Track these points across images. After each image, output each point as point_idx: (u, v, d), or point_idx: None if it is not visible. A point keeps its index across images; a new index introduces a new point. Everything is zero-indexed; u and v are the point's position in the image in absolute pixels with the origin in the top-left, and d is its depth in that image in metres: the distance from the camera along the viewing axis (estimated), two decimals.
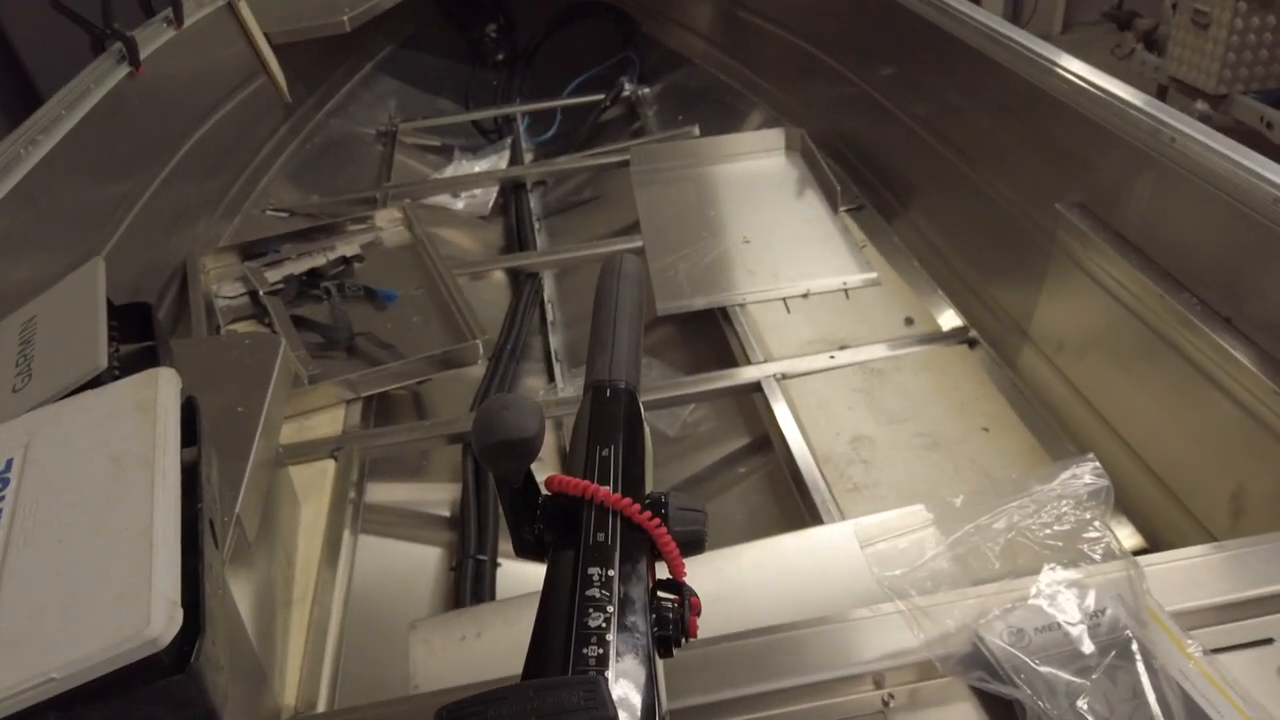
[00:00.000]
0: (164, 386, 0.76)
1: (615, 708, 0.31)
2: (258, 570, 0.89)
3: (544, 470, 0.57)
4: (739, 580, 0.84)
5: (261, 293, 1.45)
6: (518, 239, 1.80)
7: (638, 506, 0.45)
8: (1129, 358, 0.99)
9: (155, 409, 0.73)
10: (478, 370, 1.40)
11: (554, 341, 1.55)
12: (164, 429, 0.72)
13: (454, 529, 1.18)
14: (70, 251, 1.23)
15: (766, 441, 1.20)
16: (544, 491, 0.48)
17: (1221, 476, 0.86)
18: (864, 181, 1.66)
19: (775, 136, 1.74)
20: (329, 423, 1.23)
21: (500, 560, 1.12)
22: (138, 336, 0.92)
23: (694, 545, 0.47)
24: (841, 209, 1.54)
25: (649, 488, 0.49)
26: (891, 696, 0.56)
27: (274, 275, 1.50)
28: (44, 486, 0.68)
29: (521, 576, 1.10)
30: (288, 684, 0.90)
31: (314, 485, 1.13)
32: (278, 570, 0.97)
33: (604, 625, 0.41)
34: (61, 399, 0.78)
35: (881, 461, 1.06)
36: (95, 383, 0.80)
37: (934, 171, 1.44)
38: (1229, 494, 0.84)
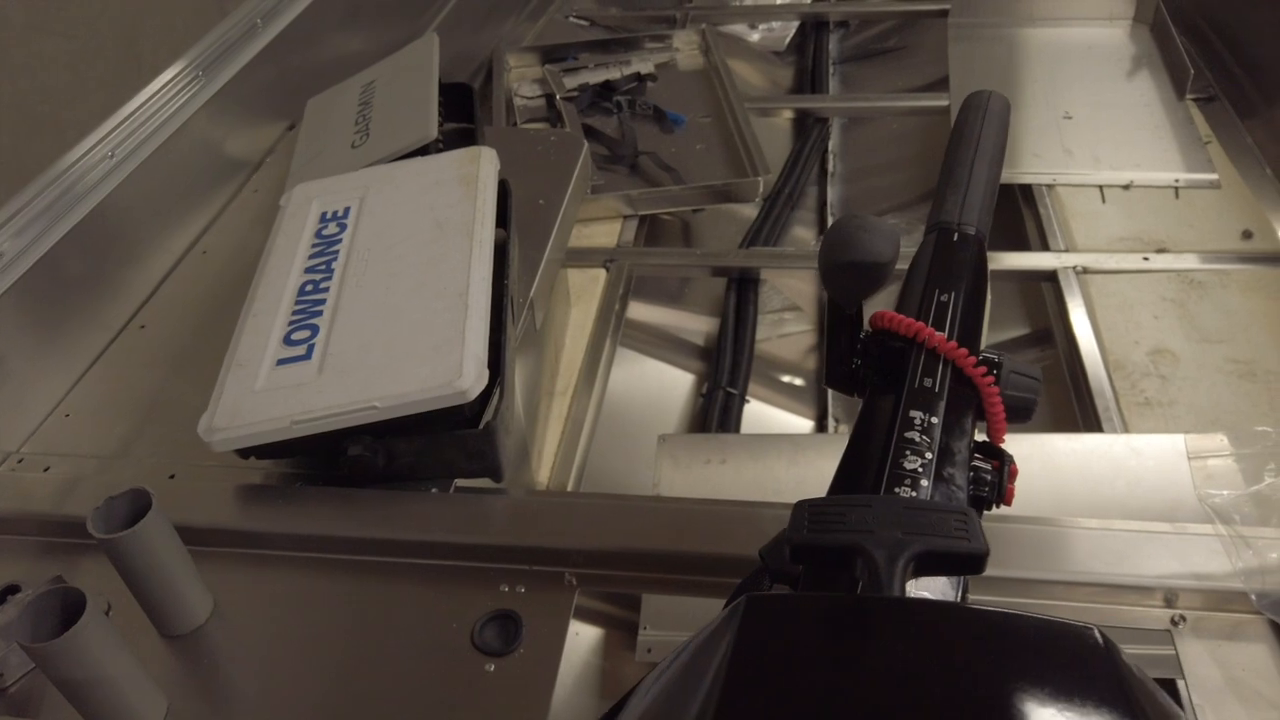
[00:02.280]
0: (485, 165, 0.80)
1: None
2: (535, 357, 0.95)
3: None
4: (1048, 470, 0.79)
5: (558, 97, 1.48)
6: (810, 81, 1.72)
7: (973, 359, 0.43)
8: None
9: (477, 183, 0.77)
10: (750, 210, 1.38)
11: (831, 194, 1.49)
12: (483, 203, 0.75)
13: (705, 359, 1.20)
14: (400, 29, 1.29)
15: (1047, 336, 1.12)
16: (867, 327, 0.47)
17: None
18: (1221, 67, 1.44)
19: (1123, 2, 1.54)
20: (605, 234, 1.26)
21: (749, 398, 1.13)
22: (459, 116, 0.97)
23: (1022, 412, 0.44)
24: (1189, 96, 1.35)
25: (983, 344, 0.46)
26: (1183, 618, 0.52)
27: (571, 81, 1.52)
28: (376, 237, 0.74)
29: (767, 417, 1.11)
30: (544, 465, 0.96)
31: (585, 290, 1.17)
32: (548, 361, 1.03)
33: (920, 470, 0.40)
34: (394, 161, 0.84)
35: (1183, 380, 0.96)
36: (423, 151, 0.85)
37: None
38: None
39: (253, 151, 1.06)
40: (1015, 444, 0.81)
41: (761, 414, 1.11)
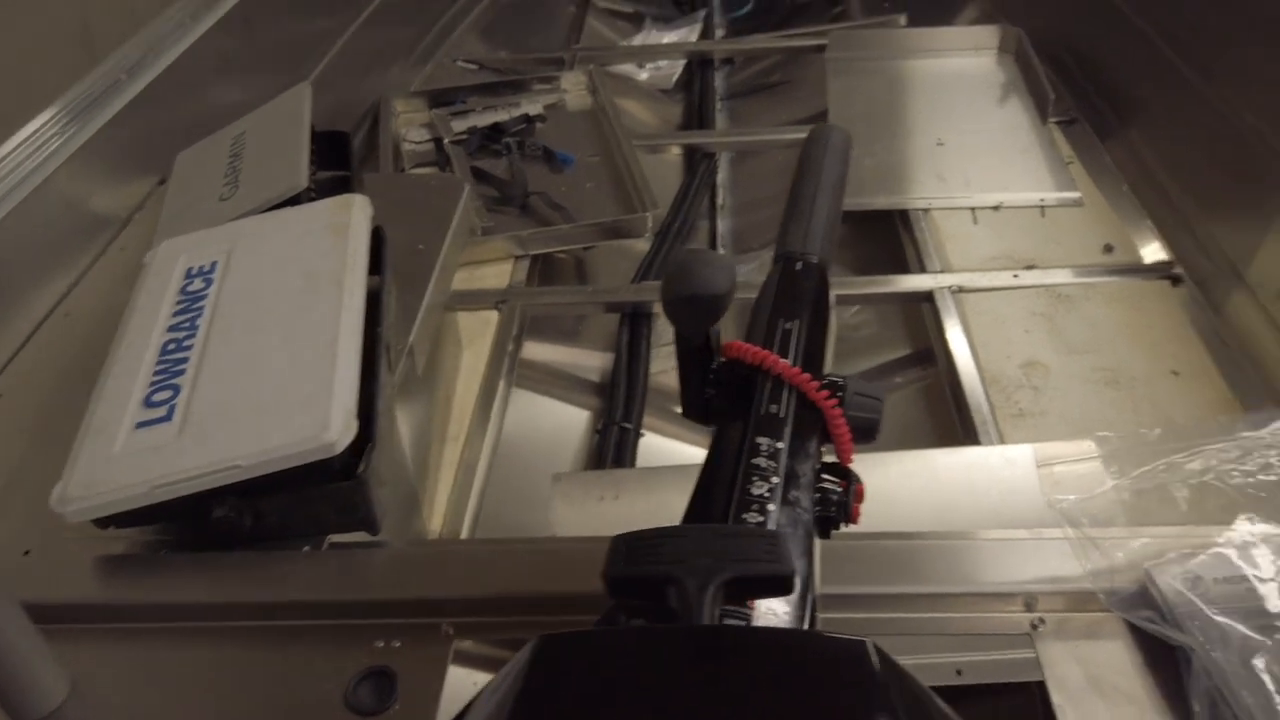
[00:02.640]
0: (357, 212, 0.79)
1: (794, 565, 0.31)
2: (421, 403, 0.94)
3: None
4: (887, 488, 0.81)
5: (446, 141, 1.48)
6: (698, 117, 1.76)
7: (815, 384, 0.44)
8: None
9: (348, 232, 0.76)
10: (643, 244, 1.39)
11: (721, 226, 1.52)
12: (354, 251, 0.75)
13: (601, 395, 1.20)
14: (277, 78, 1.28)
15: (929, 355, 1.15)
16: (719, 357, 0.48)
17: None
18: (1080, 92, 1.52)
19: (988, 34, 1.62)
20: (496, 275, 1.26)
21: (643, 431, 1.13)
22: (335, 164, 0.96)
23: (867, 432, 0.45)
24: (1051, 120, 1.42)
25: (827, 369, 0.47)
26: (1042, 621, 0.54)
27: (459, 125, 1.52)
28: (243, 291, 0.73)
29: (662, 450, 1.12)
30: (435, 514, 0.95)
31: (476, 333, 1.17)
32: (437, 407, 1.01)
33: (767, 495, 0.41)
34: (263, 212, 0.83)
35: (1053, 390, 1.00)
36: (294, 201, 0.84)
37: (1164, 86, 1.30)
38: None
39: (120, 208, 1.03)
40: (899, 461, 0.84)
41: (657, 446, 1.12)
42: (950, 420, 1.03)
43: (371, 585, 0.60)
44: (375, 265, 0.79)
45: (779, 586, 0.30)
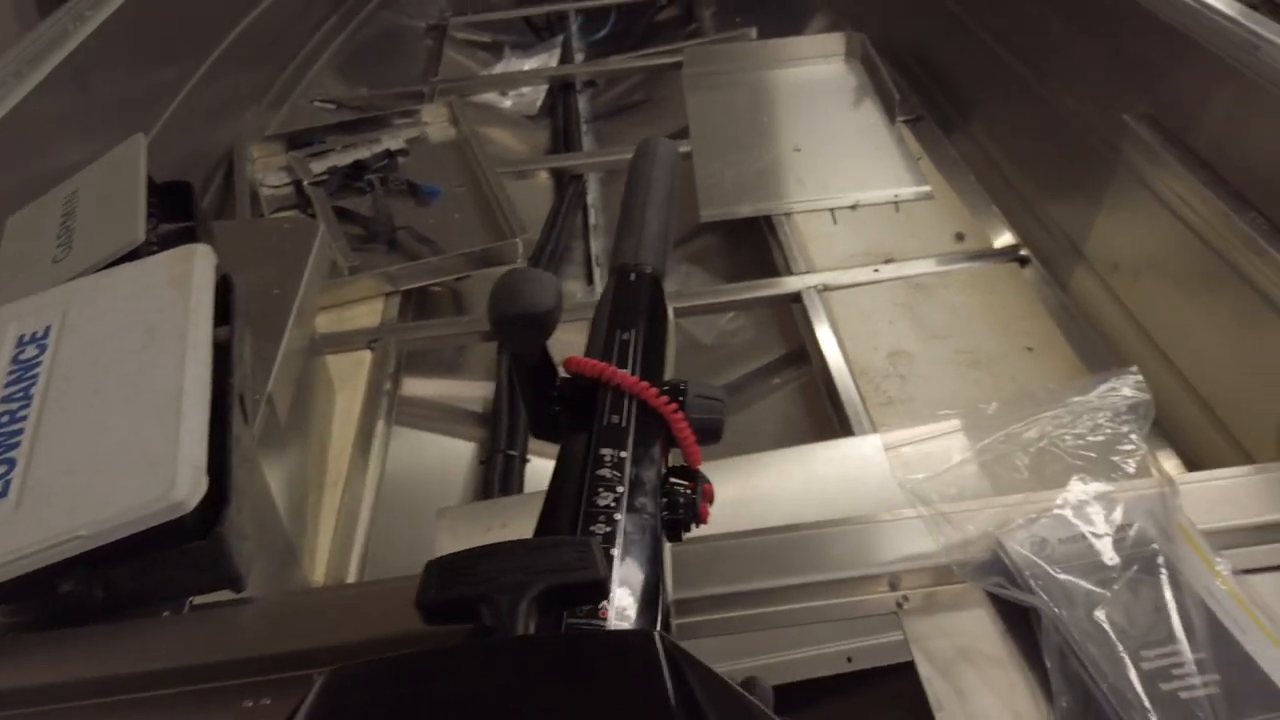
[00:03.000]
0: (199, 262, 0.77)
1: (604, 569, 0.31)
2: (290, 452, 0.91)
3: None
4: (764, 486, 0.83)
5: (305, 183, 1.45)
6: (564, 140, 1.77)
7: (654, 391, 0.45)
8: (1187, 279, 0.95)
9: (190, 284, 0.74)
10: None
11: (595, 246, 1.53)
12: (197, 303, 0.72)
13: (486, 425, 1.19)
14: (116, 132, 1.23)
15: (803, 353, 1.18)
16: (562, 373, 0.48)
17: (1272, 402, 0.82)
18: (924, 92, 1.59)
19: (835, 42, 1.67)
20: (367, 314, 1.24)
21: (530, 457, 1.12)
22: (179, 216, 0.93)
23: (711, 433, 0.46)
24: (899, 119, 1.48)
25: (668, 374, 0.48)
26: (906, 599, 0.56)
27: (318, 166, 1.49)
28: (79, 354, 0.69)
29: (549, 474, 1.11)
30: (318, 562, 0.92)
31: (350, 375, 1.14)
32: (311, 454, 0.99)
33: (613, 505, 0.41)
34: (101, 270, 0.79)
35: (919, 377, 1.04)
36: (133, 256, 0.81)
37: (998, 82, 1.37)
38: (1277, 422, 0.81)
39: None
40: (781, 460, 0.85)
41: (544, 471, 1.11)
42: (826, 414, 1.06)
43: (238, 643, 0.57)
44: (224, 315, 0.76)
45: (593, 592, 0.30)
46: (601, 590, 0.30)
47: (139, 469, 0.59)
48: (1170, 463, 0.89)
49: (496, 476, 1.07)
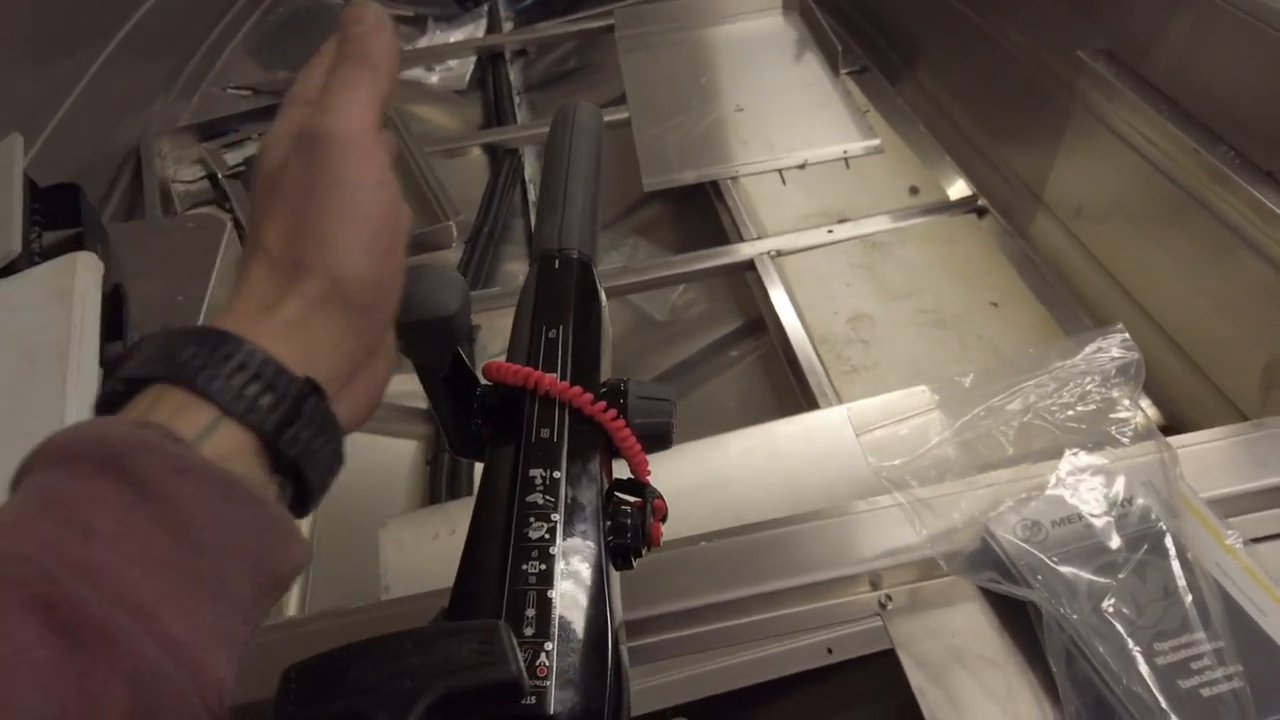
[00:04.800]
0: (83, 273, 0.69)
1: (518, 662, 0.25)
2: None
3: None
4: (727, 470, 0.78)
5: (221, 176, 1.35)
6: (496, 114, 1.69)
7: (589, 396, 0.38)
8: (1154, 220, 0.91)
9: (72, 297, 0.66)
10: (455, 254, 1.32)
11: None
12: (81, 319, 0.64)
13: (430, 421, 1.12)
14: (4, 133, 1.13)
15: (761, 323, 1.13)
16: (483, 381, 0.41)
17: (1254, 347, 0.78)
18: (867, 41, 1.53)
19: None
20: None
21: None
22: (65, 222, 0.84)
23: (658, 440, 0.40)
24: (843, 72, 1.42)
25: (606, 374, 0.42)
26: (889, 598, 0.50)
27: (235, 157, 1.40)
28: None
29: None
30: None
31: None
32: None
33: (547, 537, 0.35)
34: None
35: (882, 341, 0.99)
36: (10, 271, 0.73)
37: (943, 26, 1.32)
38: (1262, 366, 0.77)
39: None
40: (738, 440, 0.79)
41: None
42: (789, 386, 1.01)
43: None
44: (117, 329, 0.69)
45: (504, 694, 0.24)
46: (516, 690, 0.24)
47: None
48: (1155, 421, 0.85)
49: (444, 477, 1.01)
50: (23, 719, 0.19)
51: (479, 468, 1.09)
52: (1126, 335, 0.56)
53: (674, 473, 0.78)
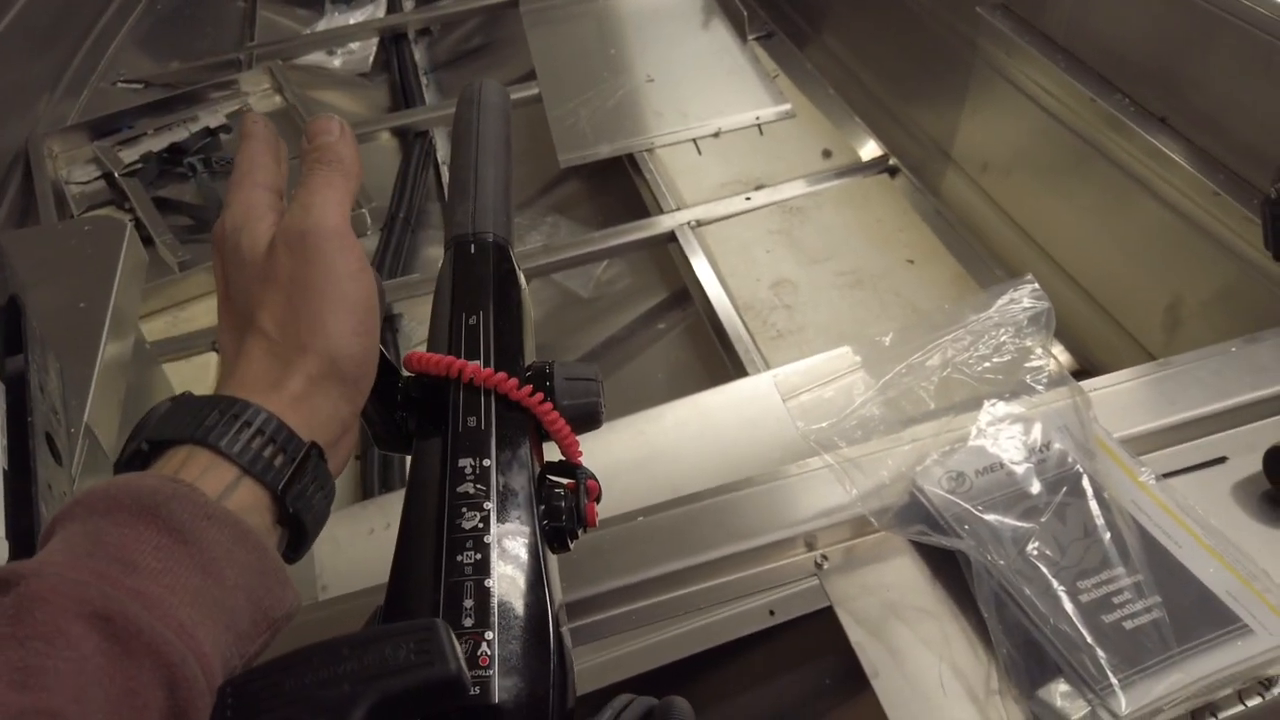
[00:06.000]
0: None
1: (458, 658, 0.24)
2: None
3: None
4: (661, 443, 0.78)
5: (117, 174, 1.30)
6: (404, 96, 1.65)
7: (514, 382, 0.38)
8: (1057, 171, 0.93)
9: None
10: (371, 242, 1.29)
11: None
12: None
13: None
14: None
15: (686, 295, 1.13)
16: (405, 372, 0.40)
17: (1157, 288, 0.82)
18: (773, 5, 1.54)
19: None
20: (207, 313, 1.12)
21: None
22: None
23: (588, 420, 0.40)
24: (750, 37, 1.42)
25: (530, 358, 0.41)
26: (825, 558, 0.51)
27: (130, 154, 1.34)
28: None
29: None
30: None
31: (196, 382, 1.03)
32: None
33: (481, 526, 0.34)
34: None
35: (805, 305, 1.00)
36: None
37: None
38: (1165, 306, 0.80)
39: None
40: (669, 412, 0.80)
41: None
42: (717, 356, 1.01)
43: None
44: (15, 342, 0.65)
45: (445, 691, 0.23)
46: (458, 688, 0.24)
47: None
48: (1067, 366, 0.87)
49: (375, 469, 0.99)
50: (89, 708, 0.23)
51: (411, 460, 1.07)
52: (1036, 285, 0.58)
53: (608, 449, 0.78)
